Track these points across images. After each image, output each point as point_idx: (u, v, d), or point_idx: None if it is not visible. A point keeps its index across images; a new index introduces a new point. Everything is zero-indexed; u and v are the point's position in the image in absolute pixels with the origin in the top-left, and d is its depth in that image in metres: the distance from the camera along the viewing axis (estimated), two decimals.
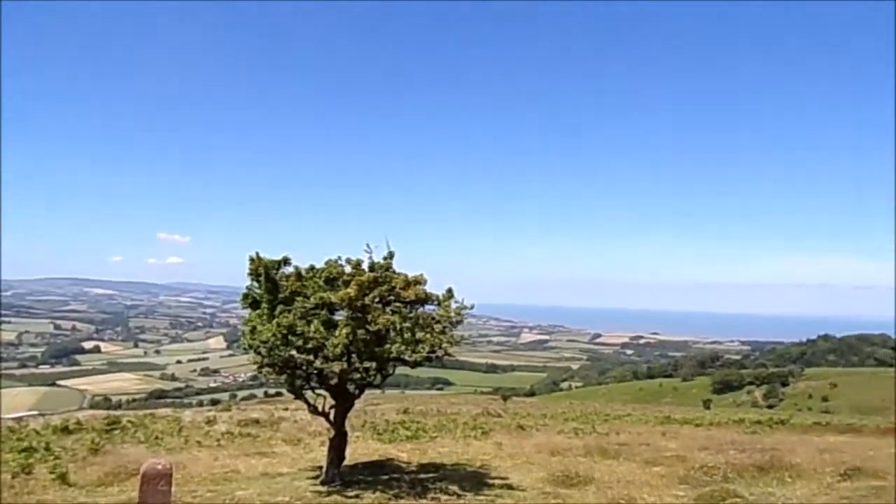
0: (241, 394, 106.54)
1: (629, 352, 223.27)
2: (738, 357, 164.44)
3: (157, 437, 19.29)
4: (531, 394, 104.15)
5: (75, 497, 10.55)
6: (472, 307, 10.79)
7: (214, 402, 71.16)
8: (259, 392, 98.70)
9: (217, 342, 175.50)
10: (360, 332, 9.90)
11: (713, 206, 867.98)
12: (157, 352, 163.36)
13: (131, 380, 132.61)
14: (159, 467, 8.89)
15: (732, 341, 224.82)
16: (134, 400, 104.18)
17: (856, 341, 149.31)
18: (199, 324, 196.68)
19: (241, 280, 11.32)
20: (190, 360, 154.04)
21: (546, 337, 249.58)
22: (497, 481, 12.04)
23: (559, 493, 11.00)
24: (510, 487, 11.48)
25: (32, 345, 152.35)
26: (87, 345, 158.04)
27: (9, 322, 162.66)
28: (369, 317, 9.90)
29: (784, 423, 24.21)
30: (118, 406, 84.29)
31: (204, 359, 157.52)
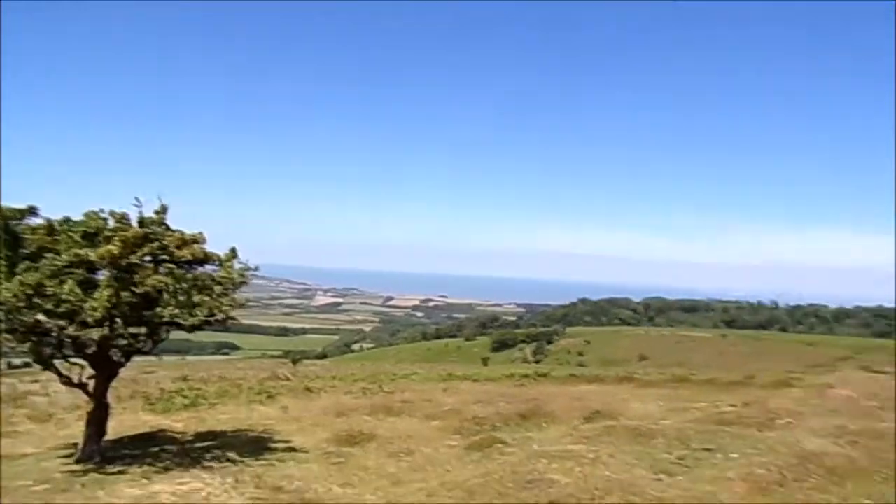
0: None
1: (419, 314, 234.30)
2: (514, 319, 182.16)
3: None
4: (322, 356, 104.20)
5: None
6: (256, 268, 10.30)
7: None
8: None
9: None
10: (126, 294, 8.87)
11: (504, 176, 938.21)
12: None
13: None
14: None
15: (510, 304, 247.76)
16: None
17: (607, 304, 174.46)
18: None
19: None
20: None
21: (340, 300, 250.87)
22: (279, 445, 11.87)
23: (342, 451, 11.19)
24: (293, 450, 11.39)
25: None
26: None
27: None
28: (136, 277, 8.91)
29: (546, 375, 27.31)
30: None
31: None
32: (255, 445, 11.78)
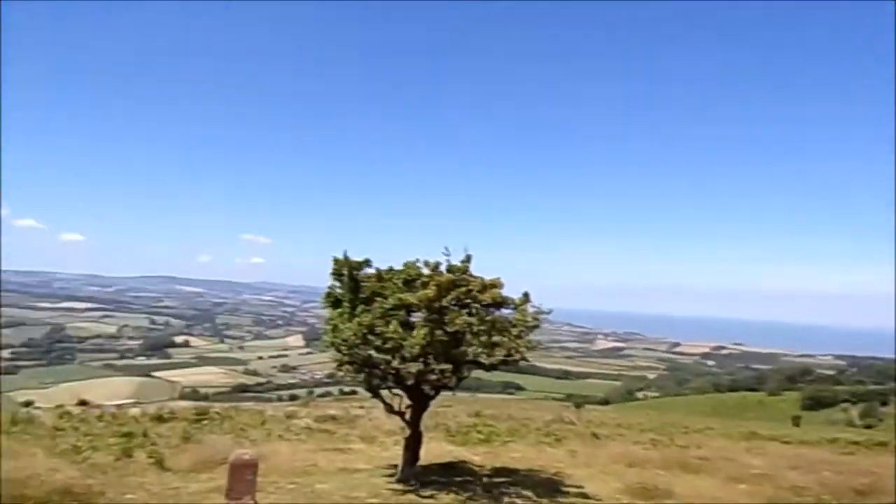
0: (317, 391, 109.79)
1: (710, 363, 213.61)
2: (832, 372, 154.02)
3: (242, 429, 20.24)
4: (605, 402, 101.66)
5: (170, 482, 11.25)
6: (549, 312, 10.72)
7: (293, 398, 73.82)
8: (334, 390, 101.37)
9: (296, 340, 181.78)
10: (438, 333, 10.03)
11: (806, 211, 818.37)
12: (241, 347, 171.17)
13: (217, 373, 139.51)
14: (246, 458, 9.37)
15: (826, 355, 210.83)
16: (220, 392, 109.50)
17: None
18: (280, 322, 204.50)
19: (319, 280, 11.72)
20: (271, 357, 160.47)
21: (622, 344, 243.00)
22: (572, 489, 11.87)
23: None
24: (585, 496, 11.29)
25: (130, 338, 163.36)
26: (178, 339, 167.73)
27: (111, 316, 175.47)
28: (447, 318, 10.02)
29: (884, 444, 22.48)
30: (205, 398, 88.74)
31: (284, 356, 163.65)
32: (548, 487, 11.98)
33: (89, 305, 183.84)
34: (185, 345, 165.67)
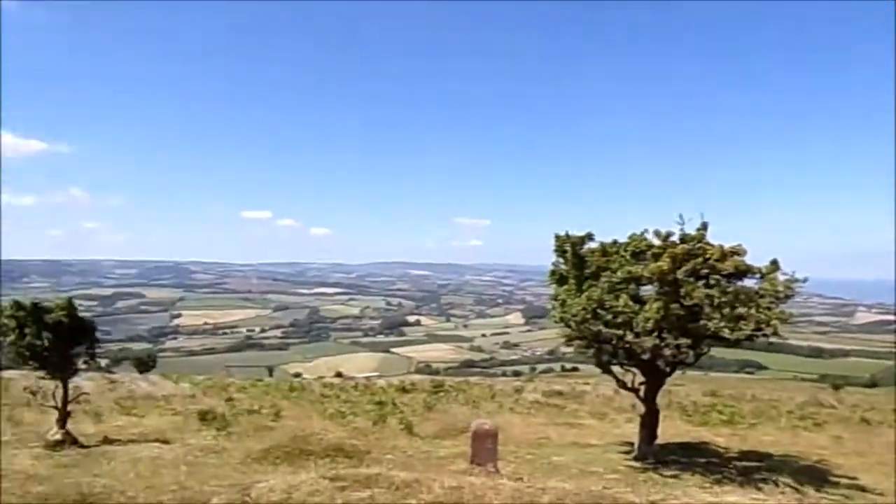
0: (539, 367, 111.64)
1: None
2: None
3: (475, 401, 21.45)
4: (872, 384, 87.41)
5: (420, 446, 12.36)
6: (804, 280, 9.45)
7: (516, 374, 75.96)
8: (556, 366, 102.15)
9: (515, 318, 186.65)
10: (673, 306, 9.46)
11: None
12: (465, 326, 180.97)
13: (446, 350, 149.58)
14: (486, 427, 9.88)
15: None
16: (450, 368, 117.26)
17: None
18: (500, 300, 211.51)
19: (536, 259, 11.89)
20: (493, 334, 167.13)
21: (890, 317, 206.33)
22: (842, 480, 10.45)
23: None
24: (861, 489, 9.85)
25: (372, 318, 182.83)
26: (411, 318, 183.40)
27: (354, 299, 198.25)
28: (682, 291, 9.39)
29: None
30: (437, 372, 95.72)
31: (505, 333, 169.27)
32: (811, 475, 10.69)
33: (337, 290, 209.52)
34: (417, 324, 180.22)
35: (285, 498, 4.61)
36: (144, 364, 29.98)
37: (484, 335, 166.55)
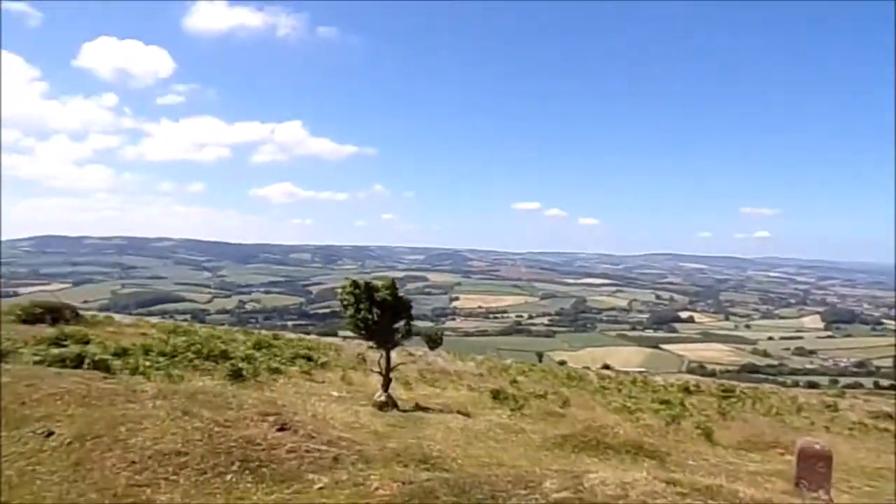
0: (841, 380, 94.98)
1: None
2: None
3: (776, 413, 19.11)
4: None
5: (724, 456, 11.36)
6: None
7: (811, 385, 65.51)
8: (866, 381, 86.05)
9: (812, 321, 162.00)
10: None
11: None
12: (748, 326, 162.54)
13: (723, 351, 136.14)
14: (817, 447, 8.61)
15: None
16: (727, 371, 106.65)
17: None
18: (792, 300, 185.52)
19: (837, 255, 9.76)
20: (782, 338, 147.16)
21: None
22: None
23: None
24: None
25: (639, 311, 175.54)
26: (683, 314, 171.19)
27: (622, 291, 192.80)
28: None
29: None
30: (712, 374, 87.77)
31: (798, 337, 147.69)
32: None
33: (603, 281, 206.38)
34: (690, 320, 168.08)
35: (621, 494, 4.51)
36: (434, 341, 33.12)
37: (771, 338, 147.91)
